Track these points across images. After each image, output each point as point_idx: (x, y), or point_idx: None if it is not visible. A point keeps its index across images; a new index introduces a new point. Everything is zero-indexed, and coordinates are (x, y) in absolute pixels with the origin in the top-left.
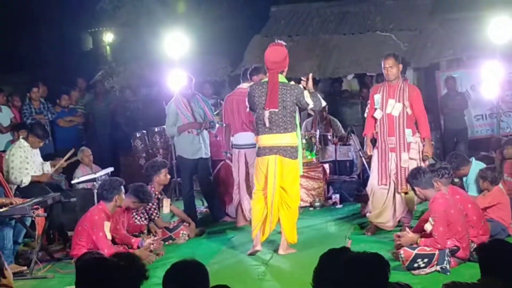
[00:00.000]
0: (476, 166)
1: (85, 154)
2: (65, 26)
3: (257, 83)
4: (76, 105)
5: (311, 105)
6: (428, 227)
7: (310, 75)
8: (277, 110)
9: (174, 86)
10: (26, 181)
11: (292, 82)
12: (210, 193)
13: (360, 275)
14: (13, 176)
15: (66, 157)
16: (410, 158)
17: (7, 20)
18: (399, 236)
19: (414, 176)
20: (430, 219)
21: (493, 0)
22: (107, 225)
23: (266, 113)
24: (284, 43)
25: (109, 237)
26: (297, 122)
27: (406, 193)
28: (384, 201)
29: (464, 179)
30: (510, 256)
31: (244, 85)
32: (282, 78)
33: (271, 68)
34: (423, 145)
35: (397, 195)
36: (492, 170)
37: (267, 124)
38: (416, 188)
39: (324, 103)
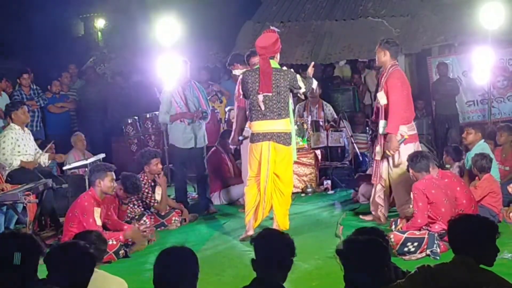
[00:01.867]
0: (480, 145)
1: (78, 138)
2: (57, 11)
3: (250, 70)
4: (67, 91)
5: (303, 89)
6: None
7: (312, 64)
8: (271, 94)
9: (166, 72)
10: (15, 164)
11: (284, 68)
12: (202, 183)
13: (361, 256)
14: (4, 158)
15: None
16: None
17: None
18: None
19: (411, 159)
20: (411, 195)
21: None
22: (97, 211)
23: (260, 97)
24: (276, 29)
25: (99, 223)
26: (291, 108)
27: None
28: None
29: (468, 153)
30: (477, 231)
31: None
32: (274, 63)
33: (261, 54)
34: (404, 138)
35: (377, 187)
36: (481, 158)
37: (263, 108)
38: (410, 170)
39: (315, 83)
